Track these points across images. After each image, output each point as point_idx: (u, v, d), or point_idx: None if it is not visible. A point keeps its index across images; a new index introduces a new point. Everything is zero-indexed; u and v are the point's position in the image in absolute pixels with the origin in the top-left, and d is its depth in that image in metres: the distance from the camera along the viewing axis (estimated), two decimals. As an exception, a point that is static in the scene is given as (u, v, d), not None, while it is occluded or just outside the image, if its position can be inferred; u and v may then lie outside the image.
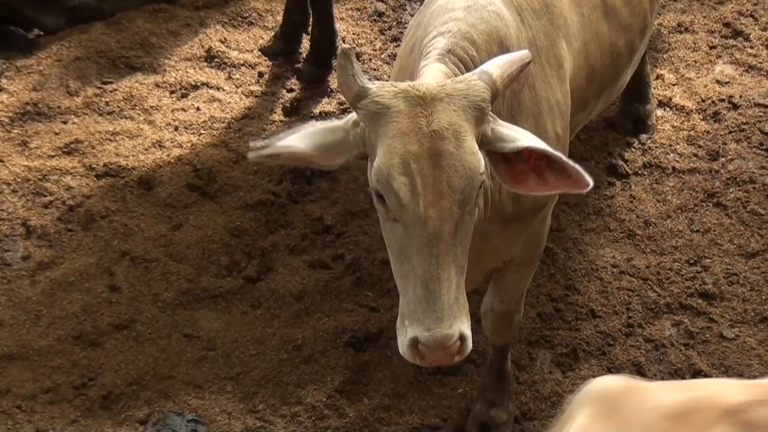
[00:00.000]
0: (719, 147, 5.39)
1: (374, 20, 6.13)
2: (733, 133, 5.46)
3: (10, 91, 5.67)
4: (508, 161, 3.16)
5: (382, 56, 5.92)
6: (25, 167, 5.31)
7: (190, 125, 5.57)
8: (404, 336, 3.06)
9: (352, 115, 3.18)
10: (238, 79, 5.86)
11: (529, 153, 3.13)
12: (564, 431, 2.75)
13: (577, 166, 3.11)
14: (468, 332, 3.06)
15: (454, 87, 3.09)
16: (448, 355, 3.03)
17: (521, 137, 3.15)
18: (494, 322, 4.17)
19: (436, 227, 3.01)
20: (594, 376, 4.46)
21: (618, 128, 5.48)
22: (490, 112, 3.16)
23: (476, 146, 3.06)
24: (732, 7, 6.08)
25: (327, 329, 4.73)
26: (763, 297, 4.80)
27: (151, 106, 5.65)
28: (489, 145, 3.11)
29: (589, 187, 3.11)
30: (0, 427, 4.35)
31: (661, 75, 5.74)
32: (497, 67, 3.15)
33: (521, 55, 3.24)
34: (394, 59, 4.93)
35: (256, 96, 5.74)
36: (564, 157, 3.13)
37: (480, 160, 3.06)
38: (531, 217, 3.70)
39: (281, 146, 3.20)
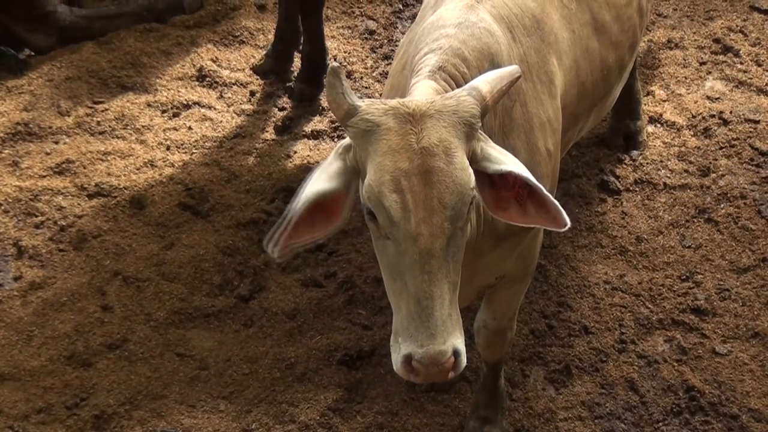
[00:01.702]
0: (710, 163, 5.41)
1: (365, 38, 6.15)
2: (724, 149, 5.47)
3: (1, 111, 5.68)
4: (493, 185, 3.16)
5: (374, 74, 5.94)
6: (16, 187, 5.31)
7: (182, 144, 5.58)
8: (398, 353, 3.04)
9: (344, 142, 3.17)
10: (229, 98, 5.87)
11: (513, 179, 3.13)
12: None
13: (557, 204, 3.11)
14: (462, 348, 3.04)
15: (443, 103, 3.09)
16: (442, 372, 3.01)
17: (508, 162, 3.15)
18: (487, 339, 4.16)
19: (427, 244, 3.00)
20: (587, 393, 4.48)
21: (609, 144, 5.50)
22: (482, 133, 3.16)
23: (467, 162, 3.05)
24: (722, 23, 6.12)
25: (320, 347, 4.72)
26: (755, 312, 4.80)
27: (143, 126, 5.66)
28: (477, 163, 3.10)
29: (566, 227, 3.11)
30: (-9, 449, 4.36)
31: (652, 91, 5.77)
32: (487, 82, 3.15)
33: (511, 70, 3.24)
34: (386, 77, 4.95)
35: (248, 115, 5.76)
36: (546, 192, 3.12)
37: (471, 176, 3.05)
38: (523, 234, 3.69)
39: (298, 212, 3.11)
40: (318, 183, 3.14)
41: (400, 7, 6.31)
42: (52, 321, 4.79)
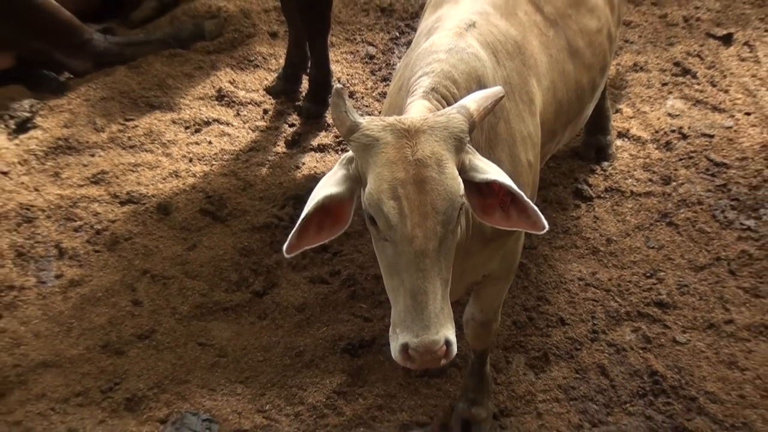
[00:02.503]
0: (671, 173, 5.42)
1: (366, 62, 6.16)
2: (683, 161, 5.48)
3: (44, 128, 5.69)
4: (480, 193, 3.16)
5: (373, 94, 5.94)
6: (58, 195, 5.32)
7: (203, 157, 5.59)
8: (396, 342, 3.05)
9: (347, 154, 3.18)
10: (245, 115, 5.88)
11: (498, 188, 3.14)
12: None
13: (537, 210, 3.11)
14: (453, 338, 3.05)
15: (435, 120, 3.09)
16: (435, 359, 3.02)
17: (493, 171, 3.15)
18: (475, 330, 4.16)
19: (422, 245, 3.01)
20: (563, 377, 4.49)
21: (583, 157, 5.51)
22: (470, 146, 3.16)
23: (456, 172, 3.06)
24: (681, 49, 6.13)
25: (325, 337, 4.72)
26: (710, 306, 4.80)
27: (168, 140, 5.67)
28: (465, 173, 3.11)
29: (545, 230, 3.11)
30: (36, 427, 4.34)
31: (620, 109, 5.78)
32: (474, 101, 3.16)
33: (495, 90, 3.25)
34: (384, 97, 4.96)
35: (262, 130, 5.76)
36: (527, 199, 3.13)
37: (460, 185, 3.05)
38: (507, 236, 3.70)
39: (307, 214, 3.11)
40: (326, 188, 3.16)
41: (397, 34, 6.31)
42: (89, 314, 4.80)
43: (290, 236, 3.14)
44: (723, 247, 5.04)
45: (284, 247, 3.15)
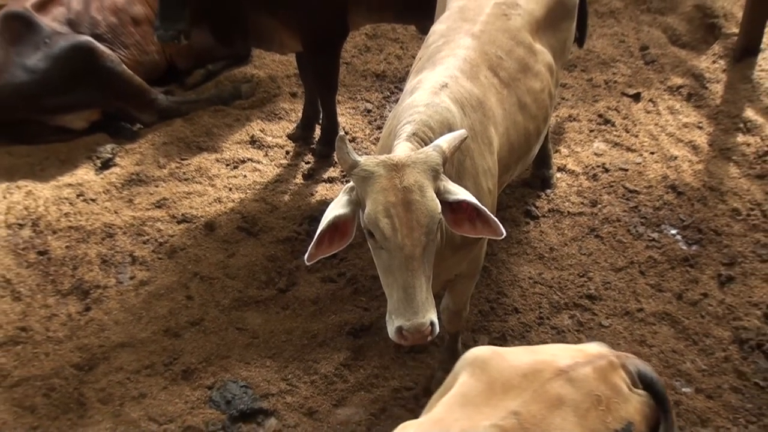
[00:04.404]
0: (597, 197, 5.44)
1: (364, 115, 6.18)
2: (606, 188, 5.50)
3: (121, 165, 5.71)
4: (452, 210, 3.19)
5: (370, 139, 5.97)
6: (131, 217, 5.34)
7: (240, 187, 5.59)
8: (392, 325, 3.07)
9: (349, 184, 3.21)
10: (272, 155, 5.88)
11: (466, 205, 3.17)
12: (451, 387, 2.76)
13: (496, 220, 3.14)
14: (436, 320, 3.08)
15: (417, 156, 3.13)
16: (423, 337, 3.04)
17: (462, 193, 3.18)
18: (449, 317, 4.19)
19: (410, 251, 3.04)
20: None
21: (531, 185, 5.52)
22: (444, 176, 3.19)
23: (434, 195, 3.09)
24: (603, 104, 6.16)
25: (334, 323, 4.73)
26: (626, 298, 4.81)
27: (213, 175, 5.68)
28: (441, 195, 3.14)
29: (503, 236, 3.14)
30: (116, 392, 4.36)
31: (559, 149, 5.80)
32: (445, 141, 3.20)
33: (461, 132, 3.29)
34: (378, 140, 4.97)
35: (284, 167, 5.77)
36: (489, 212, 3.15)
37: (438, 205, 3.08)
38: (473, 244, 3.72)
39: (321, 231, 3.13)
40: (334, 210, 3.18)
41: (388, 94, 6.34)
42: (154, 306, 4.82)
43: (309, 248, 3.17)
44: (635, 254, 5.07)
45: (305, 256, 3.18)
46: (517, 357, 2.77)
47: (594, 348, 2.88)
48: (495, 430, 2.51)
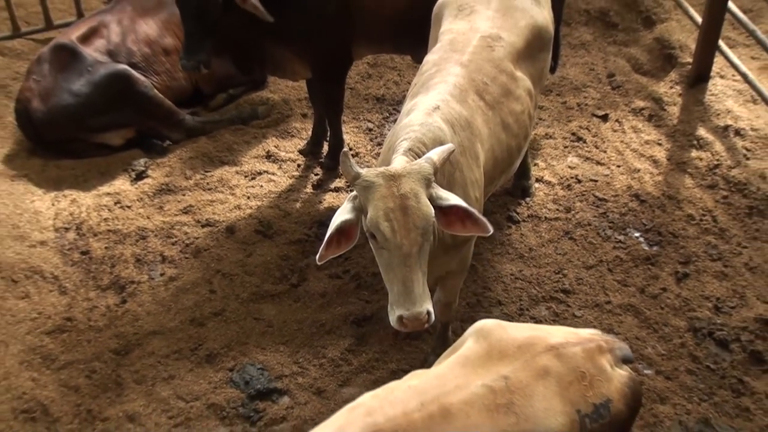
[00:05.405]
0: (571, 205, 5.44)
1: (366, 133, 6.19)
2: (579, 197, 5.50)
3: (153, 177, 5.71)
4: (444, 213, 3.22)
5: (371, 154, 5.97)
6: (162, 221, 5.34)
7: (257, 196, 5.60)
8: (393, 315, 3.10)
9: (352, 193, 3.23)
10: (285, 168, 5.88)
11: (457, 209, 3.19)
12: (458, 350, 2.81)
13: (484, 219, 3.17)
14: (432, 310, 3.10)
15: (411, 167, 3.15)
16: (420, 324, 3.07)
17: (452, 198, 3.21)
18: (440, 309, 4.19)
19: (407, 250, 3.07)
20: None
21: (512, 194, 5.51)
22: (436, 184, 3.21)
23: (428, 201, 3.12)
24: (576, 124, 6.17)
25: (340, 314, 4.73)
26: (596, 292, 4.82)
27: (234, 185, 5.68)
28: (434, 201, 3.17)
29: (491, 233, 3.17)
30: (149, 374, 4.38)
31: (537, 163, 5.81)
32: (436, 154, 3.23)
33: (448, 146, 3.32)
34: (378, 155, 4.98)
35: (296, 178, 5.77)
36: (477, 213, 3.18)
37: (431, 209, 3.11)
38: (462, 246, 3.74)
39: (330, 234, 3.14)
40: (341, 216, 3.20)
41: (387, 115, 6.34)
42: (181, 299, 4.82)
43: (320, 250, 3.19)
44: (604, 254, 5.08)
45: (317, 257, 3.20)
46: (518, 331, 2.81)
47: (587, 332, 2.91)
48: (485, 389, 2.56)
